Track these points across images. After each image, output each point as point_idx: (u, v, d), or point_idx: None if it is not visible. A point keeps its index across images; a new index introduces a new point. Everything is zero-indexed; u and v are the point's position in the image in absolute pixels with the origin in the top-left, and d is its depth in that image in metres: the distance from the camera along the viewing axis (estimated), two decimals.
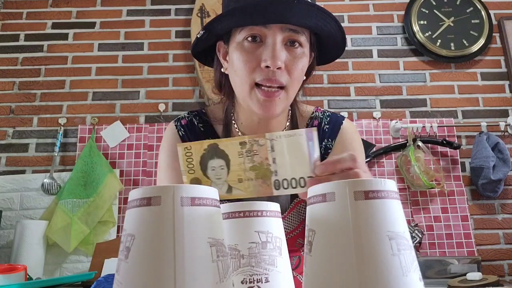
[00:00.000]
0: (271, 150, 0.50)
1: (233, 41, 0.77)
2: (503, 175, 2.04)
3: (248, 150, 0.50)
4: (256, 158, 0.50)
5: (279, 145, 0.50)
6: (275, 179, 0.50)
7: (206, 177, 0.50)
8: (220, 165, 0.50)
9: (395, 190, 0.38)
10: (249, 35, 0.74)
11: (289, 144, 0.50)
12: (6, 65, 2.32)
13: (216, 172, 0.50)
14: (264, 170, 0.50)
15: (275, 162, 0.50)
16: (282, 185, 0.50)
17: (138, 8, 2.44)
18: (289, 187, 0.50)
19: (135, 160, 2.16)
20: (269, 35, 0.73)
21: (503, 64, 2.33)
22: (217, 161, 0.50)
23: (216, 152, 0.50)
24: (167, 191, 0.36)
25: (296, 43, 0.75)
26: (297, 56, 0.75)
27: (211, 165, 0.50)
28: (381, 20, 2.42)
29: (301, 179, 0.49)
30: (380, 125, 2.23)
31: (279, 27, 0.73)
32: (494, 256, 2.04)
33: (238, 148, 0.50)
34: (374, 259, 0.35)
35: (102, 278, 0.67)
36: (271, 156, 0.50)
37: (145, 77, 2.32)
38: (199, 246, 0.36)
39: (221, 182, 0.50)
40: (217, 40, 0.83)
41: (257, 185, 0.50)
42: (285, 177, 0.50)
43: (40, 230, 1.92)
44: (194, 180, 0.50)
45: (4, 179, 2.11)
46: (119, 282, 0.36)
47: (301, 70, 0.77)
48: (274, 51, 0.71)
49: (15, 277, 1.28)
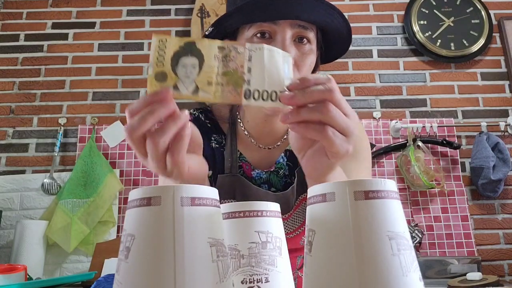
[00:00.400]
0: (248, 60, 0.49)
1: (241, 38, 0.77)
2: (503, 175, 2.04)
3: (225, 55, 0.48)
4: (232, 64, 0.48)
5: (257, 56, 0.49)
6: (247, 88, 0.48)
7: (174, 73, 0.47)
8: (193, 63, 0.48)
9: (395, 190, 0.38)
10: (258, 32, 0.74)
11: (267, 58, 0.49)
12: (6, 65, 2.32)
13: (187, 71, 0.47)
14: (237, 78, 0.48)
15: (250, 72, 0.49)
16: (252, 95, 0.48)
17: (138, 8, 2.44)
18: (260, 98, 0.48)
19: (135, 160, 2.16)
20: (278, 31, 0.73)
21: (503, 64, 2.33)
22: (190, 59, 0.47)
23: (191, 50, 0.48)
24: (167, 191, 0.36)
25: (305, 39, 0.75)
26: (306, 53, 0.75)
27: (182, 62, 0.47)
28: (381, 20, 2.42)
29: (272, 93, 0.48)
30: (380, 125, 2.23)
31: (288, 23, 0.73)
32: (494, 256, 2.04)
33: (216, 51, 0.48)
34: (374, 259, 0.35)
35: (102, 278, 0.67)
36: (247, 65, 0.49)
37: (145, 77, 2.32)
38: (199, 246, 0.36)
39: (189, 82, 0.47)
40: (223, 38, 0.83)
41: (226, 91, 0.48)
42: (257, 88, 0.48)
43: (40, 230, 1.92)
44: (159, 73, 0.47)
45: (4, 179, 2.11)
46: (119, 282, 0.36)
47: (309, 67, 0.77)
48: (283, 47, 0.71)
49: (15, 277, 1.28)
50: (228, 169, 0.85)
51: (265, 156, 0.87)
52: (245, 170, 0.86)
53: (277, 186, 0.86)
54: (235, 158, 0.85)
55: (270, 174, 0.86)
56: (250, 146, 0.87)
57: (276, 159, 0.87)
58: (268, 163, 0.87)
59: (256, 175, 0.86)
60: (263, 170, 0.86)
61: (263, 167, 0.86)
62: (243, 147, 0.88)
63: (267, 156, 0.87)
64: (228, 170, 0.85)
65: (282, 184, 0.86)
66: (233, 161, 0.85)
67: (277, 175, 0.86)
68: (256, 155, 0.87)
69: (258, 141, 0.87)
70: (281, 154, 0.87)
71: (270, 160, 0.87)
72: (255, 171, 0.86)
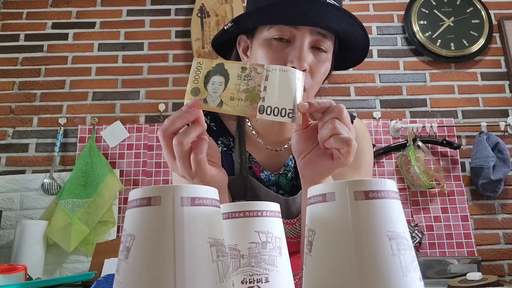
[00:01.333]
0: (265, 79, 0.57)
1: (259, 37, 0.77)
2: (503, 175, 2.04)
3: (246, 75, 0.58)
4: (251, 83, 0.57)
5: (273, 76, 0.58)
6: (261, 104, 0.56)
7: (205, 89, 0.57)
8: (220, 81, 0.57)
9: (395, 190, 0.38)
10: (278, 35, 0.74)
11: (281, 78, 0.58)
12: (6, 65, 2.32)
13: (215, 87, 0.57)
14: (254, 95, 0.57)
15: (265, 90, 0.57)
16: (265, 111, 0.56)
17: (138, 8, 2.44)
18: (272, 114, 0.56)
19: (135, 160, 2.16)
20: (298, 36, 0.73)
21: (503, 64, 2.33)
22: (218, 77, 0.58)
23: (220, 70, 0.58)
24: (167, 191, 0.36)
25: (322, 47, 0.75)
26: (322, 61, 0.76)
27: (212, 80, 0.57)
28: (381, 20, 2.42)
29: (282, 109, 0.57)
30: (380, 125, 2.23)
31: (308, 29, 0.73)
32: (494, 256, 2.04)
33: (239, 71, 0.58)
34: (374, 259, 0.35)
35: (102, 278, 0.67)
36: (263, 84, 0.57)
37: (145, 77, 2.32)
38: (199, 246, 0.36)
39: (216, 96, 0.57)
40: (241, 34, 0.83)
41: (244, 106, 0.57)
42: (270, 104, 0.56)
43: (40, 230, 1.92)
44: (195, 89, 0.57)
45: (4, 179, 2.11)
46: (119, 282, 0.36)
47: (323, 75, 0.77)
48: (301, 52, 0.72)
49: (15, 277, 1.28)
50: (238, 170, 0.85)
51: (273, 158, 0.87)
52: (255, 171, 0.86)
53: (285, 188, 0.86)
54: (245, 159, 0.85)
55: (279, 176, 0.86)
56: (258, 146, 0.87)
57: (284, 162, 0.87)
58: (276, 165, 0.87)
59: (265, 177, 0.86)
60: (272, 172, 0.86)
61: (271, 169, 0.86)
62: (252, 148, 0.87)
63: (275, 158, 0.87)
64: (238, 171, 0.84)
65: (290, 186, 0.86)
66: (242, 162, 0.85)
67: (285, 178, 0.86)
68: (264, 156, 0.87)
69: (266, 141, 0.87)
70: (289, 156, 0.87)
71: (278, 162, 0.87)
72: (264, 173, 0.86)
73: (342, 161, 0.58)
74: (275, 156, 0.87)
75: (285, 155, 0.87)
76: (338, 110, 0.57)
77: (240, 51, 0.84)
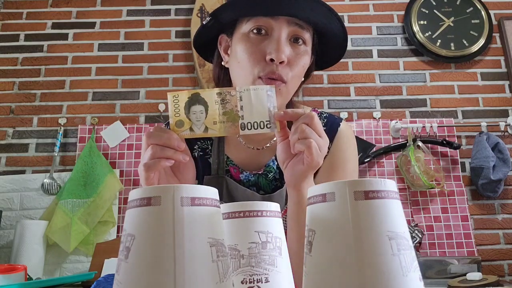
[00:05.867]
0: (240, 100, 0.63)
1: (238, 33, 0.78)
2: (503, 175, 2.04)
3: (222, 99, 0.63)
4: (228, 105, 0.63)
5: (246, 96, 0.64)
6: (242, 122, 0.63)
7: (188, 119, 0.63)
8: (200, 110, 0.63)
9: (395, 190, 0.38)
10: (255, 27, 0.75)
11: (254, 96, 0.64)
12: (6, 65, 2.32)
13: (197, 116, 0.63)
14: (234, 115, 0.63)
15: (242, 109, 0.63)
16: (246, 126, 0.63)
17: (138, 8, 2.44)
18: (252, 128, 0.63)
19: (135, 160, 2.16)
20: (275, 28, 0.74)
21: (503, 64, 2.33)
22: (198, 107, 0.63)
23: (198, 100, 0.63)
24: (167, 191, 0.36)
25: (300, 40, 0.76)
26: (300, 53, 0.76)
27: (193, 110, 0.63)
28: (381, 20, 2.42)
29: (261, 122, 0.63)
30: (380, 125, 2.23)
31: (285, 20, 0.73)
32: (494, 256, 2.04)
33: (215, 97, 0.63)
34: (374, 259, 0.35)
35: (102, 278, 0.67)
36: (239, 104, 0.63)
37: (145, 77, 2.32)
38: (199, 246, 0.36)
39: (200, 124, 0.63)
40: (219, 33, 0.83)
41: (227, 127, 0.63)
42: (249, 120, 0.63)
43: (40, 230, 1.92)
44: (178, 121, 0.63)
45: (4, 179, 2.11)
46: (119, 282, 0.36)
47: (302, 68, 0.77)
48: (279, 44, 0.72)
49: (15, 277, 1.28)
50: (215, 170, 0.85)
51: (254, 157, 0.86)
52: (233, 173, 0.86)
53: (266, 189, 0.85)
54: (222, 160, 0.85)
55: (258, 176, 0.85)
56: (239, 146, 0.87)
57: (265, 162, 0.86)
58: (257, 164, 0.86)
59: (245, 178, 0.85)
60: (251, 172, 0.85)
61: (251, 169, 0.86)
62: (231, 147, 0.87)
63: (255, 157, 0.86)
64: (215, 172, 0.85)
65: (271, 188, 0.85)
66: (219, 163, 0.85)
67: (265, 178, 0.85)
68: (244, 156, 0.87)
69: (246, 139, 0.86)
70: (271, 157, 0.86)
71: (258, 162, 0.86)
72: (244, 174, 0.85)
73: (309, 162, 0.61)
74: (256, 155, 0.86)
75: (267, 155, 0.87)
76: (309, 116, 0.62)
77: (222, 50, 0.84)
